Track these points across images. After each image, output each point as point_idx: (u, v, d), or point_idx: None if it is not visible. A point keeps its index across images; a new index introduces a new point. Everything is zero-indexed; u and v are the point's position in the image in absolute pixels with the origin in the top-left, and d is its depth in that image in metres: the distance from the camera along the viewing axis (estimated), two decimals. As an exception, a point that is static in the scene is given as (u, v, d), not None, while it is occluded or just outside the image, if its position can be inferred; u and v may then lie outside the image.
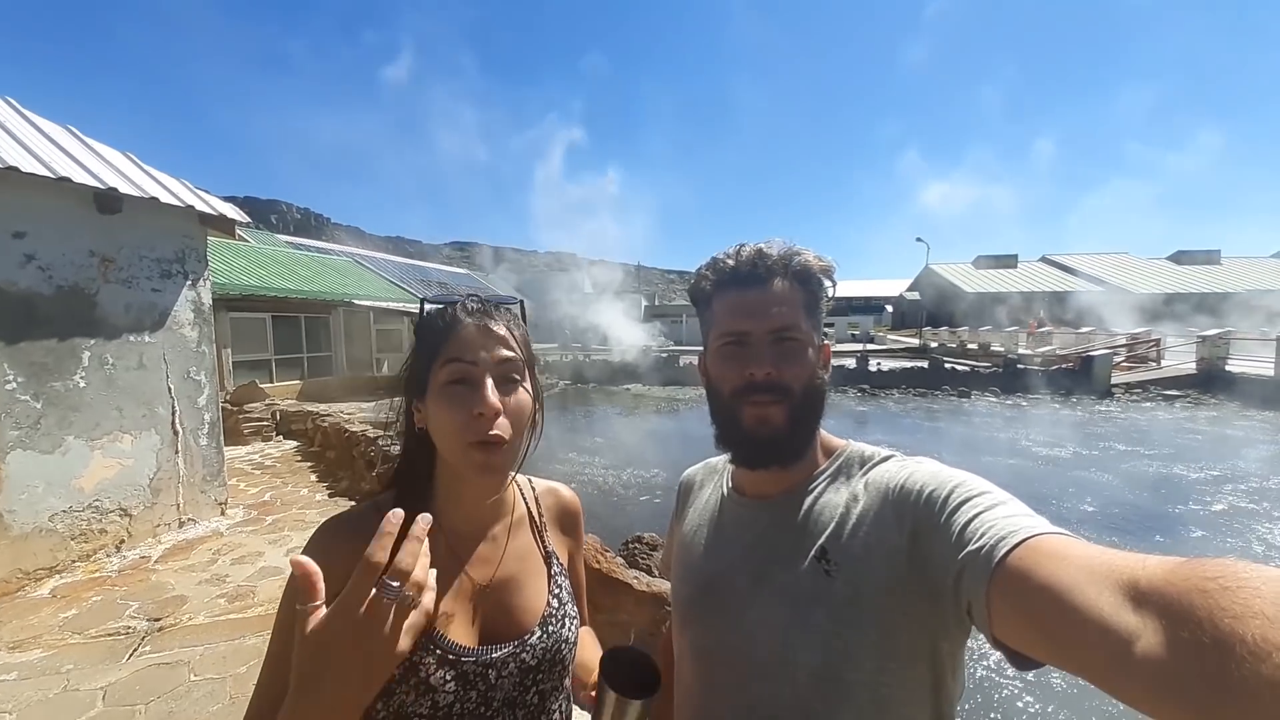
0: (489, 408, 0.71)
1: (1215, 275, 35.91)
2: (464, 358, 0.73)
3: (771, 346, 0.73)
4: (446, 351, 0.74)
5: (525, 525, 0.88)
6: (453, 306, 0.78)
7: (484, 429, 0.71)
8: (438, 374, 0.74)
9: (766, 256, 0.74)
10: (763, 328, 0.73)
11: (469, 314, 0.76)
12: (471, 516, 0.81)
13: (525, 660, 0.76)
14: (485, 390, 0.72)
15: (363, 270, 21.64)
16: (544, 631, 0.79)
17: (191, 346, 5.09)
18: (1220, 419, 12.39)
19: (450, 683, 0.70)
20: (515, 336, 0.78)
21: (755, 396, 0.73)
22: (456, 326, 0.75)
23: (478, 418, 0.71)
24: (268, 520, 5.35)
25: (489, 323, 0.76)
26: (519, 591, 0.81)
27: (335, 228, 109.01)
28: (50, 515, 4.09)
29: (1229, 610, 0.34)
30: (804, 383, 0.73)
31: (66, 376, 4.19)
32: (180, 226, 5.02)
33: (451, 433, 0.72)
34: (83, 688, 2.83)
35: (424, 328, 0.78)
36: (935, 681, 0.65)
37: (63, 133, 4.65)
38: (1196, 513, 6.82)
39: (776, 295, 0.73)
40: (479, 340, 0.74)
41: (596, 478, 8.65)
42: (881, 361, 20.41)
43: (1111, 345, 19.44)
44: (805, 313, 0.74)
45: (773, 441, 0.73)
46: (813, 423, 0.77)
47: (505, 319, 0.79)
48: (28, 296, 4.00)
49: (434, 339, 0.76)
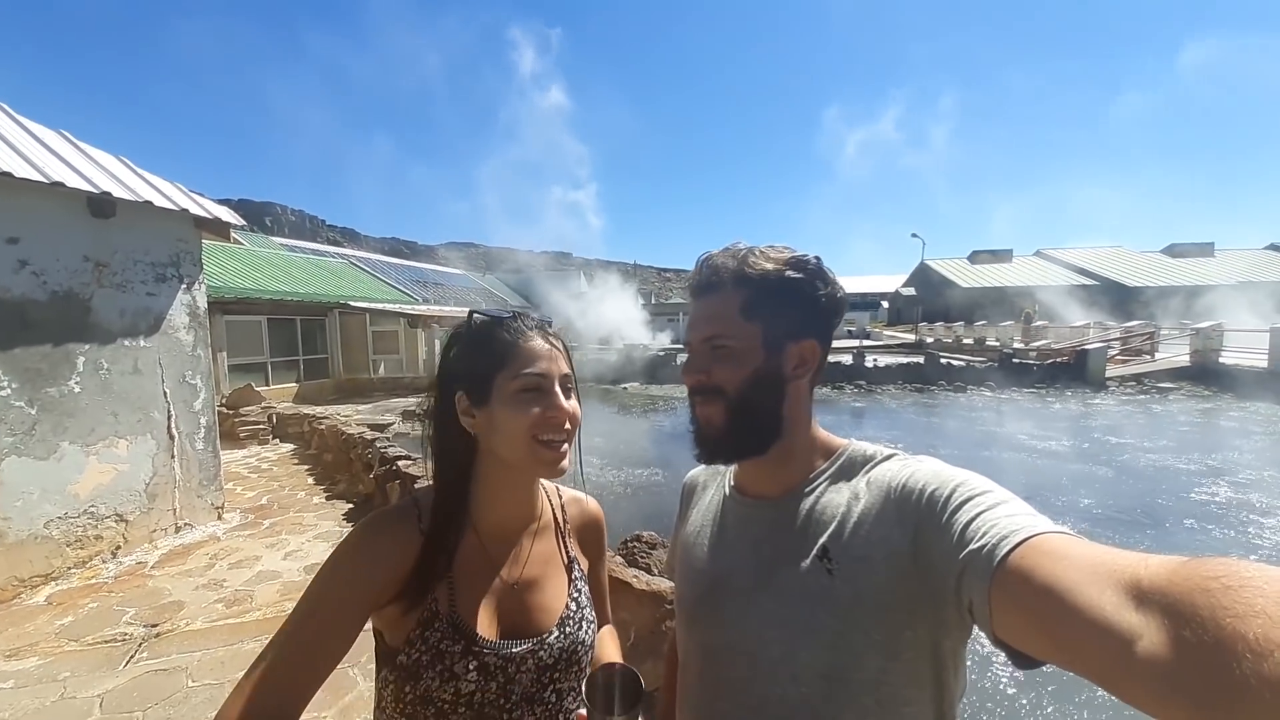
0: (563, 410, 0.80)
1: (1209, 268, 36.07)
2: (536, 369, 0.80)
3: (707, 354, 0.77)
4: (517, 363, 0.80)
5: (551, 531, 0.93)
6: (515, 320, 0.84)
7: (556, 426, 0.79)
8: (507, 383, 0.79)
9: (710, 265, 0.78)
10: (698, 337, 0.78)
11: (532, 327, 0.84)
12: (504, 518, 0.87)
13: (543, 658, 0.81)
14: (559, 396, 0.80)
15: (358, 272, 21.58)
16: (561, 632, 0.84)
17: (187, 350, 5.07)
18: (1214, 411, 12.46)
19: (473, 672, 0.75)
20: (568, 352, 0.87)
21: (695, 398, 0.79)
22: (525, 339, 0.82)
23: (550, 418, 0.79)
24: (265, 524, 5.32)
25: (552, 339, 0.84)
26: (540, 592, 0.86)
27: (330, 229, 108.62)
28: (46, 522, 4.06)
29: (1231, 609, 0.34)
30: (738, 384, 0.75)
31: (61, 382, 4.17)
32: (174, 230, 4.99)
33: (522, 432, 0.78)
34: (80, 695, 2.81)
35: (485, 339, 0.83)
36: (937, 680, 0.65)
37: (56, 137, 4.62)
38: (1191, 505, 6.85)
39: (710, 303, 0.77)
40: (548, 353, 0.82)
41: (594, 477, 8.64)
42: (877, 357, 20.44)
43: (1106, 338, 19.53)
44: (744, 314, 0.75)
45: (715, 439, 0.78)
46: (758, 421, 0.77)
47: (561, 336, 0.87)
48: (21, 302, 3.97)
49: (500, 350, 0.81)
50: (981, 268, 40.34)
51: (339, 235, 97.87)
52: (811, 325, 0.76)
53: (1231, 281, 32.39)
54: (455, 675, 0.74)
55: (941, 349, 23.06)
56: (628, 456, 9.58)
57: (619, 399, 17.33)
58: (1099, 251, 40.74)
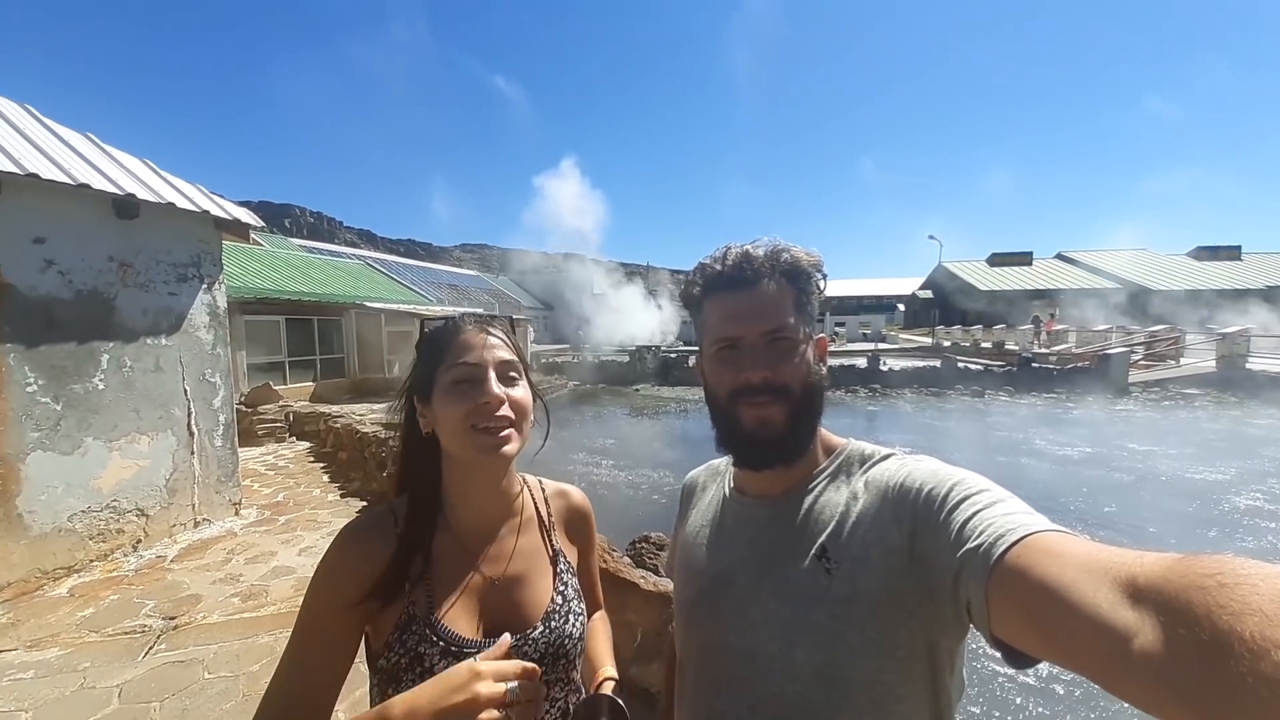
0: (493, 396, 0.78)
1: (1237, 271, 35.22)
2: (468, 359, 0.80)
3: (765, 349, 0.73)
4: (451, 356, 0.81)
5: (534, 525, 0.92)
6: (453, 319, 0.86)
7: (489, 414, 0.78)
8: (443, 376, 0.80)
9: (753, 258, 0.75)
10: (754, 331, 0.73)
11: (469, 323, 0.84)
12: (482, 515, 0.87)
13: (527, 653, 0.80)
14: (489, 383, 0.79)
15: (374, 273, 21.85)
16: (546, 626, 0.83)
17: (207, 349, 5.17)
18: (1241, 418, 12.14)
19: None
20: (511, 341, 0.86)
21: (753, 399, 0.73)
22: (459, 333, 0.83)
23: (482, 406, 0.78)
24: (281, 520, 5.41)
25: (488, 328, 0.84)
26: (524, 588, 0.85)
27: (347, 231, 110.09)
28: (69, 515, 4.17)
29: (1227, 607, 0.34)
30: (801, 381, 0.73)
31: (85, 379, 4.27)
32: (196, 231, 5.10)
33: (458, 421, 0.78)
34: (99, 685, 2.88)
35: (427, 340, 0.85)
36: (934, 680, 0.65)
37: (81, 139, 4.74)
38: (1215, 514, 6.69)
39: (765, 296, 0.73)
40: (480, 343, 0.82)
41: (605, 478, 8.66)
42: (894, 361, 20.22)
43: (1129, 343, 19.14)
44: (796, 310, 0.74)
45: (774, 441, 0.74)
46: (813, 420, 0.77)
47: (501, 326, 0.87)
48: (48, 301, 4.08)
49: (438, 347, 0.83)
50: (1001, 270, 39.77)
51: (356, 237, 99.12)
52: (816, 323, 0.78)
53: (1259, 285, 31.60)
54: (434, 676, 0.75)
55: (959, 353, 22.74)
56: (640, 458, 9.58)
57: (631, 401, 17.35)
58: (1122, 254, 39.98)
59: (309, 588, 0.78)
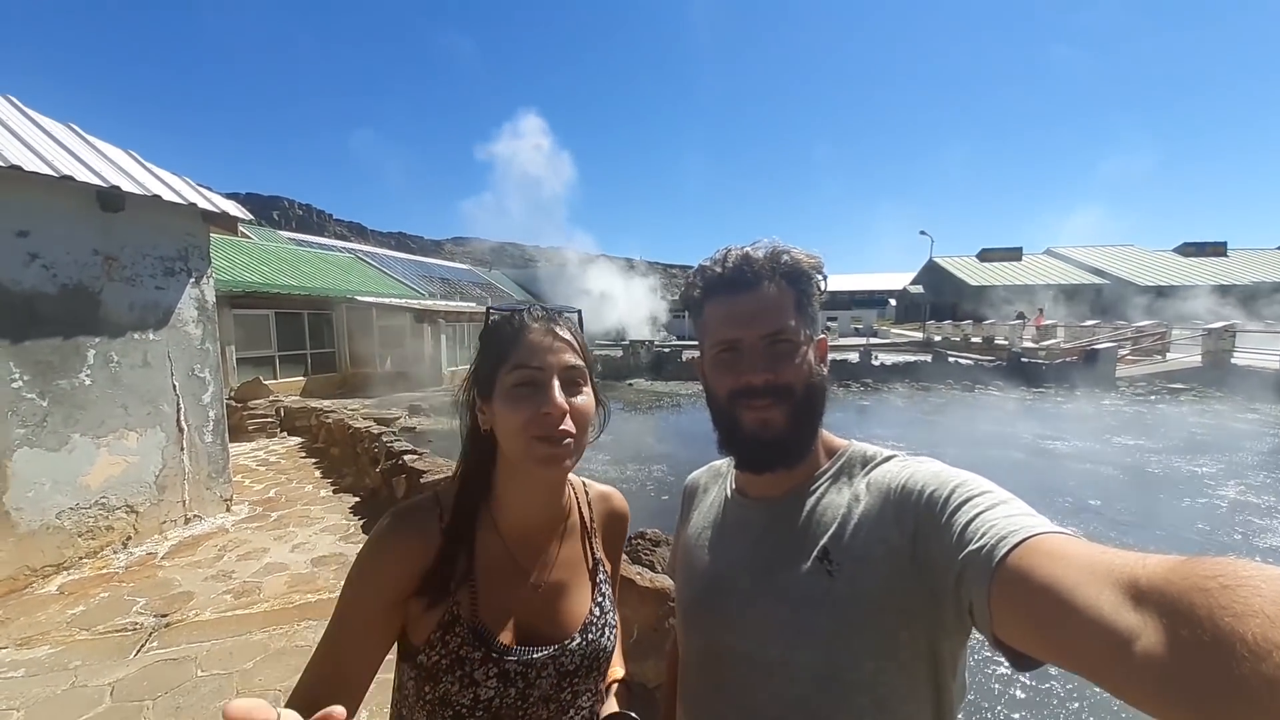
0: (555, 407, 0.74)
1: (1222, 267, 35.65)
2: (531, 363, 0.76)
3: (766, 351, 0.73)
4: (515, 357, 0.76)
5: (577, 533, 0.90)
6: (519, 313, 0.81)
7: (551, 425, 0.74)
8: (505, 378, 0.76)
9: (753, 260, 0.75)
10: (754, 333, 0.73)
11: (535, 320, 0.79)
12: (527, 517, 0.84)
13: (564, 664, 0.79)
14: (553, 391, 0.75)
15: (365, 266, 21.68)
16: (583, 638, 0.82)
17: (195, 344, 5.11)
18: (1226, 412, 12.32)
19: (493, 679, 0.74)
20: (579, 343, 0.81)
21: (754, 401, 0.73)
22: (525, 333, 0.78)
23: (544, 416, 0.74)
24: (273, 516, 5.37)
25: (555, 329, 0.79)
26: (564, 597, 0.84)
27: (337, 224, 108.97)
28: (57, 512, 4.12)
29: (1229, 609, 0.34)
30: (803, 382, 0.74)
31: (72, 374, 4.21)
32: (183, 224, 5.03)
33: (517, 429, 0.74)
34: (90, 684, 2.85)
35: (491, 334, 0.81)
36: (936, 682, 0.65)
37: (65, 131, 4.66)
38: (1200, 507, 6.79)
39: (765, 298, 0.73)
40: (546, 345, 0.77)
41: (599, 474, 8.66)
42: (885, 356, 20.34)
43: (1116, 338, 19.34)
44: (797, 312, 0.74)
45: (775, 444, 0.74)
46: (814, 421, 0.77)
47: (569, 326, 0.82)
48: (32, 295, 4.01)
49: (502, 344, 0.78)
50: (991, 265, 40.02)
51: (346, 229, 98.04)
52: (818, 325, 0.78)
53: (1245, 281, 32.00)
54: (475, 682, 0.73)
55: (950, 348, 22.91)
56: (634, 453, 9.59)
57: (624, 395, 17.34)
58: (1110, 250, 40.33)
59: (350, 577, 0.76)
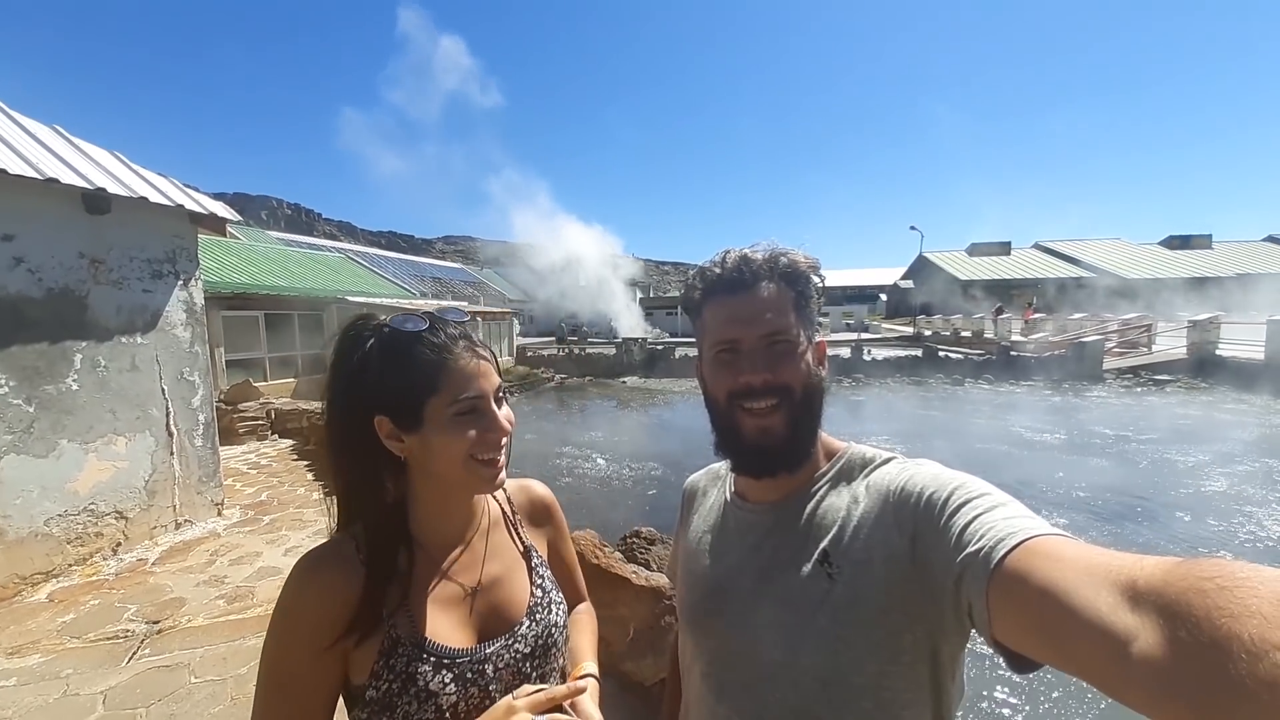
0: (502, 430, 0.77)
1: (1207, 259, 36.09)
2: (469, 394, 0.76)
3: (765, 352, 0.73)
4: (451, 386, 0.75)
5: (501, 525, 0.92)
6: (438, 333, 0.76)
7: (495, 445, 0.77)
8: (443, 409, 0.74)
9: (752, 261, 0.75)
10: (753, 334, 0.73)
11: (461, 342, 0.77)
12: (451, 527, 0.85)
13: (519, 649, 0.81)
14: (499, 418, 0.78)
15: (355, 266, 21.50)
16: (532, 620, 0.84)
17: (184, 347, 5.06)
18: (1211, 403, 12.49)
19: (450, 684, 0.73)
20: (491, 354, 0.82)
21: (753, 403, 0.73)
22: (453, 360, 0.75)
23: (488, 439, 0.76)
24: (265, 520, 5.33)
25: (480, 351, 0.79)
26: (504, 588, 0.85)
27: (326, 223, 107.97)
28: (45, 519, 4.06)
29: (1226, 610, 0.34)
30: (802, 383, 0.74)
31: (59, 380, 4.16)
32: (170, 226, 4.96)
33: (459, 455, 0.75)
34: (83, 692, 2.82)
35: (406, 357, 0.75)
36: (935, 684, 0.66)
37: (49, 133, 4.58)
38: (1186, 497, 6.89)
39: (765, 300, 0.74)
40: (476, 370, 0.77)
41: (593, 472, 8.66)
42: (876, 350, 20.44)
43: (1102, 331, 19.54)
44: (795, 313, 0.75)
45: (775, 449, 0.74)
46: (814, 424, 0.77)
47: (484, 347, 0.81)
48: (17, 300, 3.95)
49: (425, 373, 0.74)
50: (980, 260, 40.32)
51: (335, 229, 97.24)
52: (815, 326, 0.78)
53: (1230, 273, 32.42)
54: (432, 693, 0.72)
55: (939, 342, 23.06)
56: (628, 451, 9.59)
57: (618, 393, 17.34)
58: (1097, 243, 40.75)
59: (268, 635, 0.72)
